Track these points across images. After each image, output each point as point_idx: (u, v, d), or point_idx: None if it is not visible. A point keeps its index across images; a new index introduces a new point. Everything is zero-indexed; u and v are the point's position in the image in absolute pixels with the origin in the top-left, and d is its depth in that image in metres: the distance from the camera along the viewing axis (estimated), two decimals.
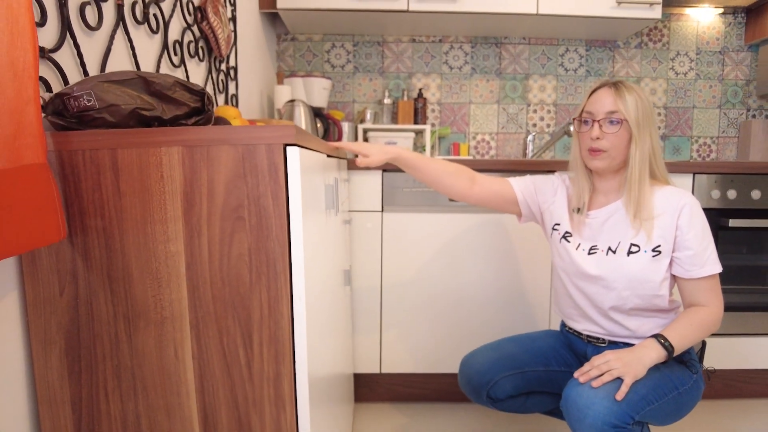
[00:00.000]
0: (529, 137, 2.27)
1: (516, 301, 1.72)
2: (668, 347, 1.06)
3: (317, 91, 2.04)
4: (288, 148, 0.63)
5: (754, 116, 2.40)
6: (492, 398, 1.29)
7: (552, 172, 1.70)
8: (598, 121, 1.14)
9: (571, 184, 1.30)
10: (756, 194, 1.77)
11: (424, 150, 2.19)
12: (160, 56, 1.13)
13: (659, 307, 1.16)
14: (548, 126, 2.36)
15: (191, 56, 1.33)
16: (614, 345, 1.21)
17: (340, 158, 1.43)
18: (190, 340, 0.66)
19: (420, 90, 2.24)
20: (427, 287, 1.70)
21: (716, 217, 1.77)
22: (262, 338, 0.65)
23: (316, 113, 1.85)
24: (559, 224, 1.29)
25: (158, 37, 1.12)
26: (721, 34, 2.35)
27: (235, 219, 0.64)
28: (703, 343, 1.24)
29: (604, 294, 1.18)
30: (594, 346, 1.25)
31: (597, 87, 1.18)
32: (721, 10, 2.33)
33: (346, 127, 2.10)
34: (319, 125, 1.92)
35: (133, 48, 0.99)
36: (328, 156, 1.05)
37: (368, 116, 2.18)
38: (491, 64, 2.31)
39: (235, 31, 1.68)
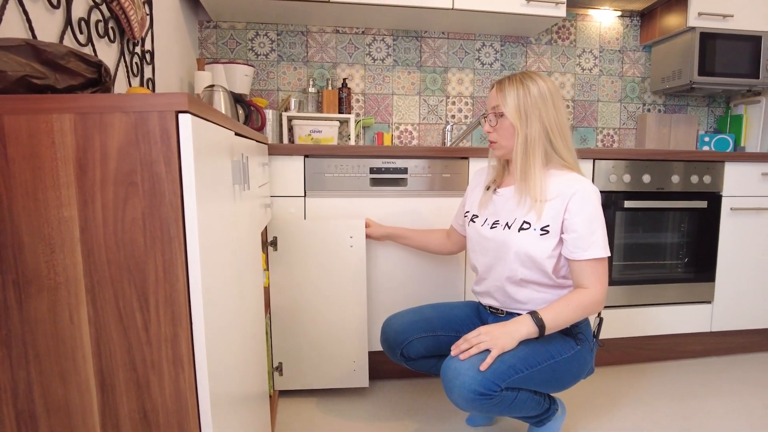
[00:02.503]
0: (447, 127, 2.38)
1: (434, 277, 1.82)
2: (540, 324, 1.16)
3: (239, 77, 2.04)
4: (180, 115, 0.66)
5: (648, 110, 2.64)
6: (405, 356, 1.39)
7: (465, 159, 1.81)
8: (486, 116, 1.29)
9: (490, 170, 1.43)
10: (647, 178, 1.96)
11: (350, 139, 2.24)
12: (63, 33, 1.10)
13: (547, 282, 1.26)
14: (466, 117, 2.48)
15: (100, 36, 1.30)
16: (512, 315, 1.32)
17: (260, 142, 1.45)
18: (85, 305, 0.67)
19: (344, 80, 2.29)
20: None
21: (614, 199, 1.95)
22: (159, 301, 0.68)
23: (237, 99, 1.85)
24: (468, 211, 1.43)
25: (60, 12, 1.09)
26: (620, 34, 2.57)
27: (128, 184, 0.66)
28: (600, 320, 1.36)
29: (499, 265, 1.29)
30: (495, 316, 1.36)
31: (492, 86, 1.31)
32: (619, 13, 2.54)
33: (270, 114, 2.11)
34: (240, 112, 1.92)
35: (29, 21, 0.97)
36: (240, 135, 1.08)
37: (293, 104, 2.20)
38: (412, 57, 2.40)
39: (151, 14, 1.65)
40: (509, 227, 1.27)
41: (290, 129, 2.21)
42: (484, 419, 1.57)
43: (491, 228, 1.31)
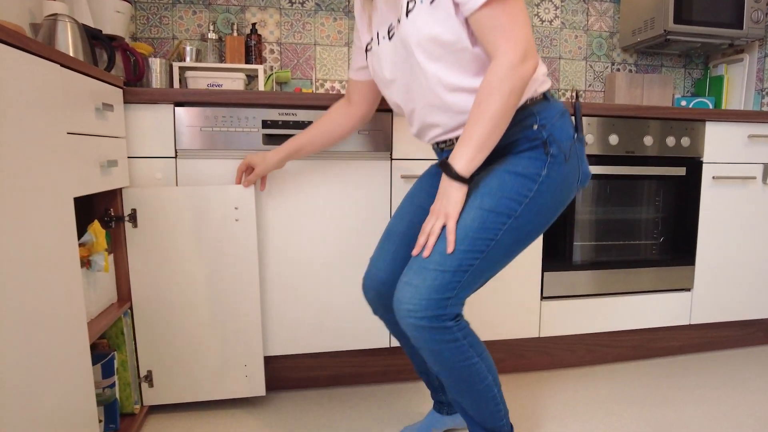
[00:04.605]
0: None
1: (354, 231, 1.44)
2: (455, 175, 0.93)
3: (109, 15, 1.62)
4: None
5: (618, 69, 2.30)
6: None
7: (387, 111, 1.42)
8: None
9: None
10: (614, 139, 1.61)
11: None
12: None
13: (475, 69, 0.95)
14: None
15: None
16: None
17: (89, 75, 1.05)
18: None
19: (254, 25, 1.88)
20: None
21: None
22: None
23: (95, 36, 1.43)
24: (364, 42, 1.13)
25: None
26: None
27: None
28: (576, 99, 1.06)
29: (415, 80, 1.00)
30: (447, 151, 1.08)
31: None
32: None
33: (157, 64, 1.70)
34: (105, 56, 1.50)
35: None
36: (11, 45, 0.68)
37: (188, 53, 1.80)
38: (338, 1, 2.00)
39: None
40: (399, 21, 0.98)
41: (183, 83, 1.80)
42: None
43: (390, 39, 1.02)
